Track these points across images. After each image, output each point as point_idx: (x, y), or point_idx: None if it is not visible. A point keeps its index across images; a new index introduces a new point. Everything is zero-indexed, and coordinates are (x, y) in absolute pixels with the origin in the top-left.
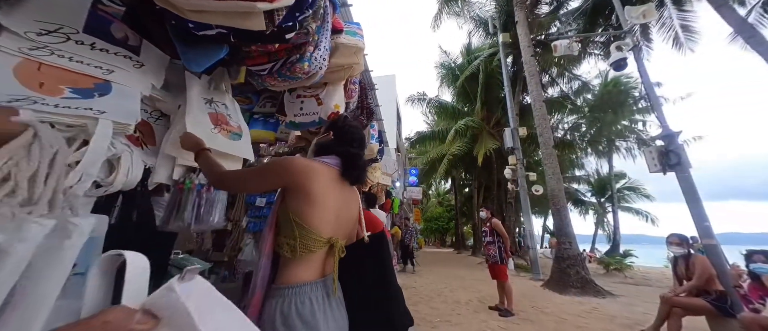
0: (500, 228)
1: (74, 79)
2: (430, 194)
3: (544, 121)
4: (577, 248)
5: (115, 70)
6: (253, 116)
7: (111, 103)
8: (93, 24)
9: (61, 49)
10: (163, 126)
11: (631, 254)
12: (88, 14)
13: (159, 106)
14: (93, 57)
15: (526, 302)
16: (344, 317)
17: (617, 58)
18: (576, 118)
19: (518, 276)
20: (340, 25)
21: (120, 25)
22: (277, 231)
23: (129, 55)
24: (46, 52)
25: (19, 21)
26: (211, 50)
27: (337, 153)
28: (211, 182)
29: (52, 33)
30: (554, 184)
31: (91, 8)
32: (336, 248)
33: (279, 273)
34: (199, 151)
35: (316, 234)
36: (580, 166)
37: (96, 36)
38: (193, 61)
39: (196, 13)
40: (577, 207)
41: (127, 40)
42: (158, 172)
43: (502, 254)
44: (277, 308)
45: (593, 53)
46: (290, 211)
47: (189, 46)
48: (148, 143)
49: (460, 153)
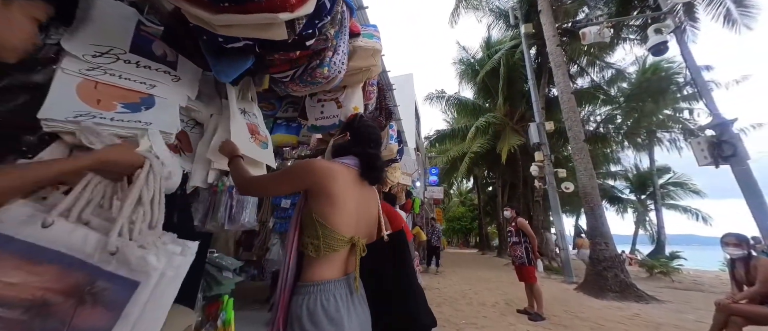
0: (526, 228)
1: (124, 95)
2: (451, 194)
3: (573, 114)
4: (614, 249)
5: (157, 84)
6: (277, 121)
7: (155, 116)
8: (137, 44)
9: (112, 69)
10: (197, 134)
11: (679, 256)
12: (133, 35)
13: (194, 116)
14: (139, 74)
15: (558, 307)
16: (367, 313)
17: (656, 42)
18: (610, 109)
19: (548, 279)
20: (357, 29)
21: (159, 43)
22: (301, 231)
23: (168, 70)
24: (100, 72)
25: (78, 45)
26: (238, 61)
27: (355, 154)
28: (238, 186)
29: (105, 54)
30: (586, 180)
31: (135, 30)
32: (357, 247)
33: (304, 271)
34: (232, 158)
35: (339, 234)
36: (616, 161)
37: (140, 54)
38: (223, 72)
39: (225, 28)
40: (614, 205)
41: (165, 57)
42: (195, 176)
43: (530, 254)
44: (303, 304)
45: (628, 38)
46: (313, 212)
47: (219, 58)
48: (185, 150)
49: (482, 151)
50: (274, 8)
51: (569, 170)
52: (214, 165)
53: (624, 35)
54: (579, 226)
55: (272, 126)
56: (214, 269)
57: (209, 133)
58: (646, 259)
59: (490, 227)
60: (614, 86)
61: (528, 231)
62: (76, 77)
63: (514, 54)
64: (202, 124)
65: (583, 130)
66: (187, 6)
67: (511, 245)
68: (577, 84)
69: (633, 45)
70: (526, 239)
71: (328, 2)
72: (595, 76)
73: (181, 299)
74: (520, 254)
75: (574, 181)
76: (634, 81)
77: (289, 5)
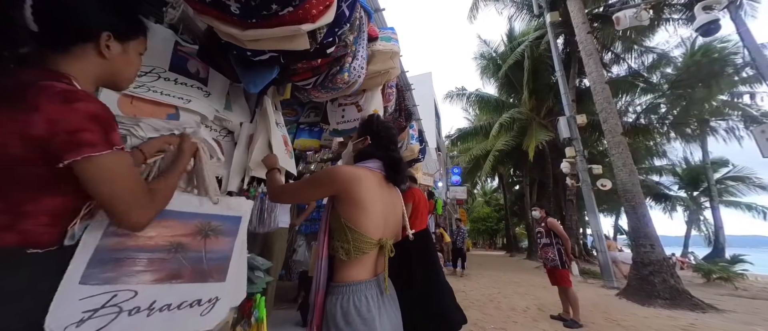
0: (557, 228)
1: (152, 111)
2: (475, 194)
3: (608, 105)
4: (661, 251)
5: (192, 99)
6: (300, 126)
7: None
8: (175, 63)
9: (155, 86)
10: (230, 142)
11: (743, 260)
12: (171, 55)
13: (225, 125)
14: (176, 90)
15: (597, 313)
16: (397, 313)
17: (705, 22)
18: (652, 98)
19: (585, 283)
20: (375, 33)
21: (193, 61)
22: (330, 236)
23: (200, 86)
24: (144, 89)
25: None
26: (265, 72)
27: (378, 158)
28: (271, 193)
29: (148, 73)
30: (626, 177)
31: (173, 50)
32: (386, 249)
33: (336, 273)
34: (271, 169)
35: (367, 237)
36: (661, 154)
37: (178, 72)
38: (251, 82)
39: (253, 42)
40: (660, 203)
41: (198, 74)
42: (231, 182)
43: (563, 256)
44: (337, 303)
45: (670, 19)
46: (342, 217)
47: (247, 70)
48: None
49: (507, 148)
50: (296, 20)
51: (606, 166)
52: (251, 173)
53: (666, 15)
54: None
55: (295, 131)
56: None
57: (243, 142)
58: (702, 263)
59: (519, 228)
60: (656, 72)
61: (560, 232)
62: (118, 94)
63: (539, 45)
64: (233, 133)
65: (621, 122)
66: (220, 24)
67: (541, 247)
68: (611, 73)
69: (677, 25)
70: (557, 240)
71: (347, 10)
72: (632, 62)
73: None
74: (553, 257)
75: (612, 177)
76: (681, 65)
77: (310, 16)
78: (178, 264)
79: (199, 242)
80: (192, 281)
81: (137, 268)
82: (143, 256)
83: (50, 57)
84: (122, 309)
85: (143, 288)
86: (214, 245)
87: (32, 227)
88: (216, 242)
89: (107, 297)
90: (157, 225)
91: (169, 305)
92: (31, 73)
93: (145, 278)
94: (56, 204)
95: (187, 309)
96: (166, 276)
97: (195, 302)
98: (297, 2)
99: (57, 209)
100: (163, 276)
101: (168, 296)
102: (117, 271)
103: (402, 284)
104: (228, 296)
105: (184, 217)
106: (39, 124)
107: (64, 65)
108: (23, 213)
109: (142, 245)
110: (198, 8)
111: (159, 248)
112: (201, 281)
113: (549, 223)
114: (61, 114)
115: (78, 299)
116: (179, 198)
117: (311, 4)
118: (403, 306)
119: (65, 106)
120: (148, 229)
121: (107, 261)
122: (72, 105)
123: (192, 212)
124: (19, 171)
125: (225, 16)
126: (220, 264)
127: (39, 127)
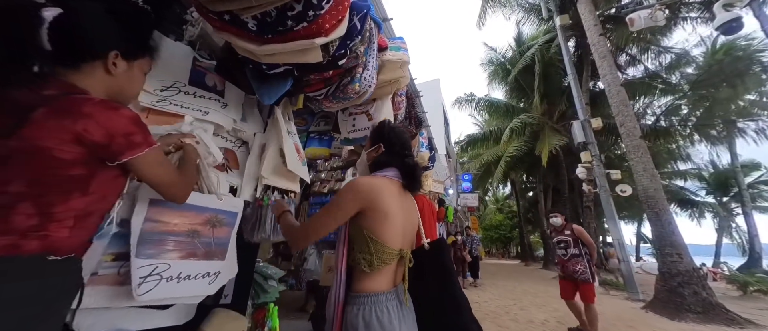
0: (585, 236)
1: (166, 122)
2: (486, 200)
3: (624, 108)
4: (690, 261)
5: (210, 111)
6: (310, 135)
7: None
8: (194, 77)
9: (175, 100)
10: (244, 152)
11: None
12: (190, 70)
13: (239, 136)
14: (195, 103)
15: (622, 327)
16: (415, 325)
17: (726, 20)
18: (672, 99)
19: (607, 294)
20: (384, 44)
21: (210, 75)
22: (350, 247)
23: (217, 98)
24: (166, 103)
25: (150, 82)
26: (279, 84)
27: (394, 165)
28: (294, 240)
29: (169, 88)
30: (647, 182)
31: (191, 65)
32: (405, 259)
33: (356, 283)
34: (281, 213)
35: (390, 248)
36: (684, 158)
37: (196, 86)
38: (266, 94)
39: (269, 56)
40: (686, 210)
41: (216, 87)
42: (244, 191)
43: (592, 267)
44: (359, 314)
45: (687, 18)
46: (364, 228)
47: (262, 83)
48: (233, 167)
49: (519, 153)
50: (310, 35)
51: (625, 171)
52: (264, 181)
53: (683, 15)
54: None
55: (306, 140)
56: (260, 278)
57: (256, 151)
58: (737, 274)
59: (533, 236)
60: (675, 73)
61: (588, 240)
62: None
63: (549, 48)
64: (247, 143)
65: (639, 125)
66: (237, 41)
67: (568, 259)
68: (627, 74)
69: (696, 24)
70: (585, 249)
71: (358, 23)
72: (649, 63)
73: (234, 305)
74: (582, 269)
75: (632, 183)
76: (702, 64)
77: (323, 31)
78: (194, 246)
79: (208, 230)
80: (204, 259)
81: (168, 247)
82: (172, 238)
83: (61, 73)
84: (162, 277)
85: (173, 262)
86: (219, 233)
87: (55, 231)
88: (220, 230)
89: (152, 268)
90: (180, 215)
91: (188, 275)
92: (53, 86)
93: (174, 255)
94: (81, 205)
95: (201, 279)
96: (187, 254)
97: (206, 273)
98: (311, 18)
99: (80, 210)
100: (185, 254)
101: (189, 269)
102: (156, 248)
103: (419, 293)
104: (225, 271)
105: (199, 210)
106: (96, 129)
107: (76, 80)
108: (52, 215)
109: (170, 230)
110: (217, 26)
111: (181, 232)
112: (209, 259)
113: (576, 231)
114: (114, 120)
115: (136, 268)
116: (195, 194)
117: (324, 19)
118: (420, 316)
119: (114, 113)
120: (173, 216)
121: (148, 241)
122: (119, 112)
123: (204, 206)
124: (60, 173)
125: (243, 32)
126: (222, 248)
127: (97, 132)
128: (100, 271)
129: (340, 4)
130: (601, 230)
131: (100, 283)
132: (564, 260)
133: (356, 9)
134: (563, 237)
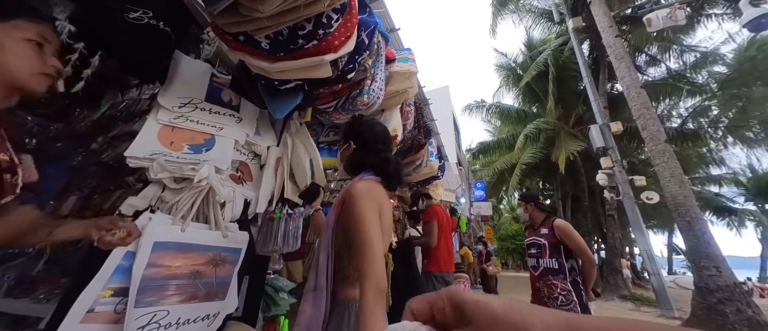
0: (575, 239)
1: (192, 137)
2: (501, 209)
3: (646, 111)
4: (731, 274)
5: (225, 126)
6: (319, 145)
7: (213, 155)
8: (210, 93)
9: (192, 116)
10: (257, 164)
11: None
12: (207, 87)
13: (253, 149)
14: (210, 119)
15: None
16: None
17: (754, 16)
18: (700, 100)
19: (638, 311)
20: (392, 55)
21: (226, 91)
22: (337, 257)
23: (232, 113)
24: (183, 119)
25: (169, 99)
26: (290, 98)
27: (371, 165)
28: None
29: (187, 105)
30: (675, 188)
31: (209, 82)
32: (387, 262)
33: (340, 290)
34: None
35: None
36: (718, 162)
37: (212, 102)
38: (277, 109)
39: (281, 73)
40: (722, 218)
41: (231, 102)
42: (259, 204)
43: (584, 294)
44: (342, 323)
45: (712, 15)
46: None
47: (274, 97)
48: (247, 180)
49: (535, 160)
50: (320, 51)
51: (650, 177)
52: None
53: (706, 12)
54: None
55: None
56: (271, 290)
57: (271, 165)
58: None
59: None
60: (702, 72)
61: (579, 245)
62: (160, 125)
63: (562, 52)
64: (260, 156)
65: (664, 128)
66: (251, 59)
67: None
68: (647, 76)
69: (721, 21)
70: (573, 262)
71: (366, 38)
72: (672, 63)
73: (245, 317)
74: (562, 291)
75: (659, 189)
76: (732, 62)
77: (333, 47)
78: (196, 288)
79: (211, 270)
80: (205, 301)
81: (169, 292)
82: (173, 282)
83: None
84: (160, 325)
85: (173, 308)
86: (222, 272)
87: None
88: (223, 269)
89: (150, 317)
90: (183, 256)
91: (188, 319)
92: None
93: (174, 300)
94: None
95: (200, 322)
96: (188, 297)
97: (205, 316)
98: (321, 36)
99: None
100: (185, 298)
101: (188, 313)
102: (157, 295)
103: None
104: (225, 309)
105: (202, 249)
106: None
107: None
108: None
109: (173, 274)
110: (232, 45)
111: (183, 275)
112: (210, 300)
113: (559, 230)
114: None
115: (134, 319)
116: (199, 232)
117: (334, 36)
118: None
119: None
120: (176, 259)
121: (149, 288)
122: None
123: (208, 244)
124: None
125: (256, 51)
126: (224, 287)
127: None
128: (96, 308)
129: (349, 21)
130: (628, 240)
131: (95, 321)
132: (534, 275)
133: (364, 25)
134: (536, 238)
